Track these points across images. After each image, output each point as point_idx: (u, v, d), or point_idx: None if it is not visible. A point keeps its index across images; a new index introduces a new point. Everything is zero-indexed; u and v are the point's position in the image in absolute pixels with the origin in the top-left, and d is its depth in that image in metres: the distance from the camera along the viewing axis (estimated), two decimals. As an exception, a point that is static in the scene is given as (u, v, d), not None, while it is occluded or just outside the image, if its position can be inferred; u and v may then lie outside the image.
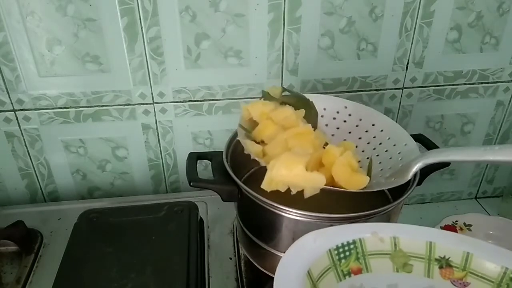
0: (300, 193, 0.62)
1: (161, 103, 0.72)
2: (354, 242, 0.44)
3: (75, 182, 0.78)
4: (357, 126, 0.62)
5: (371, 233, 0.44)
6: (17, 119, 0.71)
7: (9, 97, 0.68)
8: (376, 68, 0.73)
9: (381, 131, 0.60)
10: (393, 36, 0.70)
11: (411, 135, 0.63)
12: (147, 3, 0.63)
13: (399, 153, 0.57)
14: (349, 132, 0.62)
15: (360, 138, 0.61)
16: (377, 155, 0.58)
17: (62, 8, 0.62)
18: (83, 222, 0.64)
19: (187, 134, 0.76)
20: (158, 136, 0.75)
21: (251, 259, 0.59)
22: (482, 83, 0.76)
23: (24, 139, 0.73)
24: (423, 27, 0.69)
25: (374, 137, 0.60)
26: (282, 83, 0.72)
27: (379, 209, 0.48)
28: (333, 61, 0.71)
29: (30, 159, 0.75)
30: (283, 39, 0.68)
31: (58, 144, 0.74)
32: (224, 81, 0.71)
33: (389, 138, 0.59)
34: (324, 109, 0.62)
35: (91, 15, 0.63)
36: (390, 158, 0.57)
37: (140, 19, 0.64)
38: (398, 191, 0.55)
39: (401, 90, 0.75)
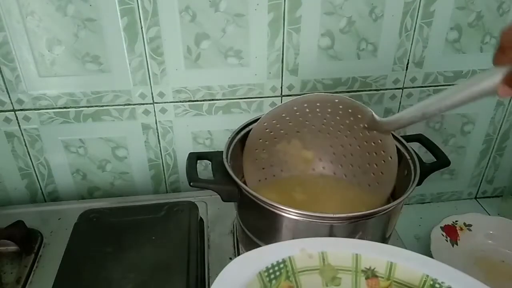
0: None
1: (161, 103, 0.72)
2: (283, 261, 0.44)
3: (75, 182, 0.78)
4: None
5: (299, 250, 0.44)
6: (17, 119, 0.71)
7: (9, 97, 0.68)
8: (376, 68, 0.72)
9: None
10: (393, 36, 0.70)
11: (411, 135, 0.64)
12: (147, 3, 0.63)
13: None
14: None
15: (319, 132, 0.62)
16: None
17: (62, 8, 0.62)
18: (83, 222, 0.64)
19: (187, 134, 0.76)
20: (158, 136, 0.75)
21: (251, 259, 0.59)
22: (482, 83, 0.76)
23: (24, 139, 0.73)
24: (423, 27, 0.69)
25: (325, 119, 0.60)
26: (282, 83, 0.72)
27: (379, 209, 0.48)
28: (333, 61, 0.71)
29: (30, 159, 0.75)
30: (283, 39, 0.68)
31: (58, 144, 0.74)
32: (224, 81, 0.71)
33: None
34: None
35: (91, 15, 0.63)
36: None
37: (140, 19, 0.64)
38: (398, 191, 0.55)
39: (401, 90, 0.75)
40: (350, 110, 0.57)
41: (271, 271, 0.43)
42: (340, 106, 0.57)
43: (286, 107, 0.59)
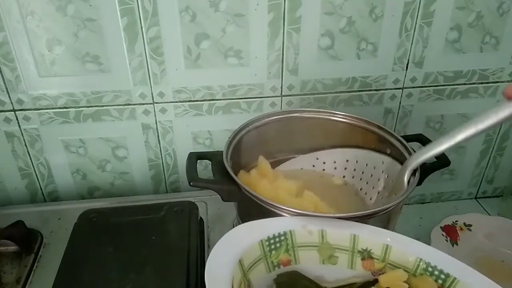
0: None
1: (161, 103, 0.72)
2: (285, 234, 0.46)
3: (75, 182, 0.78)
4: (345, 168, 0.67)
5: (301, 226, 0.46)
6: (17, 119, 0.71)
7: (9, 97, 0.68)
8: (376, 68, 0.72)
9: (356, 162, 0.65)
10: (393, 36, 0.70)
11: (411, 135, 0.64)
12: (147, 3, 0.63)
13: (382, 172, 0.61)
14: (343, 176, 0.67)
15: (353, 177, 0.66)
16: (373, 187, 0.63)
17: (62, 8, 0.62)
18: (83, 222, 0.64)
19: (187, 134, 0.76)
20: (158, 136, 0.75)
21: (251, 259, 0.59)
22: (482, 83, 0.76)
23: (24, 139, 0.73)
24: (423, 27, 0.69)
25: (362, 172, 0.65)
26: (282, 83, 0.72)
27: (379, 209, 0.48)
28: (333, 61, 0.71)
29: (30, 159, 0.75)
30: (283, 39, 0.68)
31: (58, 144, 0.74)
32: (224, 81, 0.71)
33: (367, 165, 0.64)
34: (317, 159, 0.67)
35: (91, 15, 0.63)
36: (378, 179, 0.61)
37: (140, 19, 0.64)
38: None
39: (401, 90, 0.75)
40: (387, 175, 0.61)
41: (272, 241, 0.45)
42: (382, 171, 0.61)
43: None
